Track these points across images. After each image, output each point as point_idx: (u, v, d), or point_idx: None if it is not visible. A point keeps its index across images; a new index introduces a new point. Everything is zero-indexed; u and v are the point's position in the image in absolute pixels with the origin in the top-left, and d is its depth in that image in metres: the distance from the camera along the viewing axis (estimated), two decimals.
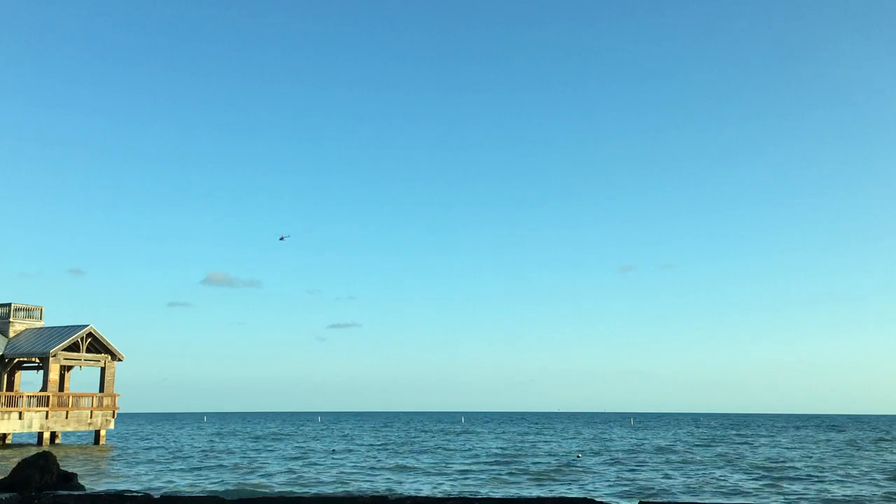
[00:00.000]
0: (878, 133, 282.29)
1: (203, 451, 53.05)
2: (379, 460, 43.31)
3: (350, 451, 52.87)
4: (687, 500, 22.17)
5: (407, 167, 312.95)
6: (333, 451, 52.15)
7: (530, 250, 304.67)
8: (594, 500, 13.19)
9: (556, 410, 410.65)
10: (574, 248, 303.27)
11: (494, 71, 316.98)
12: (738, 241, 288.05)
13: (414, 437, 74.36)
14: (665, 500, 23.41)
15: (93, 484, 26.75)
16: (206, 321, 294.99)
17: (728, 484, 30.48)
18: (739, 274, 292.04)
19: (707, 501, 23.28)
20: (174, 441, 67.73)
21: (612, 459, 44.21)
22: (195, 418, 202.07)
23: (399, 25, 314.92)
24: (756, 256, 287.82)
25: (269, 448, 56.46)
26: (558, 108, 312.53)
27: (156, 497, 15.19)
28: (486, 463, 41.49)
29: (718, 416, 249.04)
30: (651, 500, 23.20)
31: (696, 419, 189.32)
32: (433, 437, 75.91)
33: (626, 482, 31.08)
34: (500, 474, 34.49)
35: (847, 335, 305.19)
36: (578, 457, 47.48)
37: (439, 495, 18.37)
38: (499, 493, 26.19)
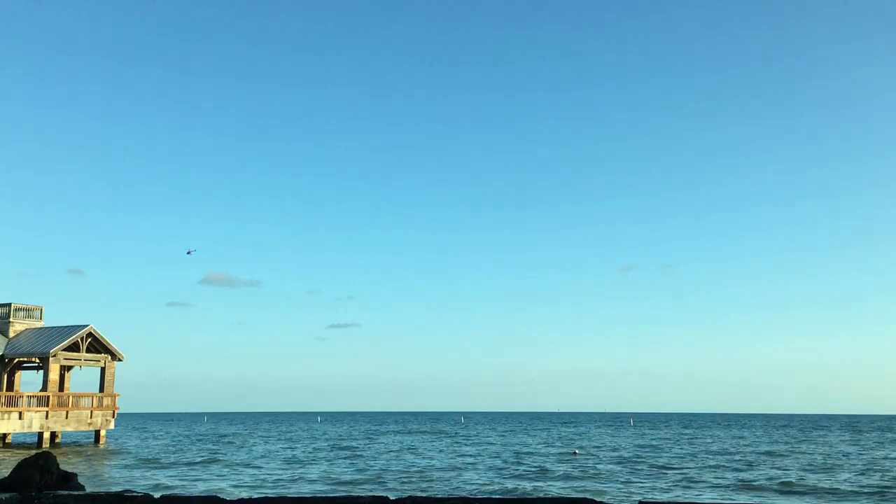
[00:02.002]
0: (878, 133, 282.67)
1: (202, 451, 53.07)
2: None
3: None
4: (687, 500, 22.18)
5: (407, 167, 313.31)
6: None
7: (530, 250, 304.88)
8: (594, 500, 13.20)
9: (556, 410, 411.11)
10: (574, 248, 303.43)
11: (494, 71, 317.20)
12: (738, 241, 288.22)
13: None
14: (665, 499, 23.43)
15: (93, 484, 26.76)
16: (205, 321, 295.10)
17: (724, 484, 30.51)
18: (739, 274, 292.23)
19: (707, 501, 23.31)
20: (174, 441, 67.72)
21: (611, 459, 44.22)
22: (195, 418, 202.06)
23: (400, 26, 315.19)
24: (756, 256, 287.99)
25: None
26: (558, 108, 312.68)
27: (156, 497, 15.20)
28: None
29: (718, 417, 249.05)
30: (650, 499, 23.21)
31: (695, 419, 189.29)
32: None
33: (625, 482, 31.10)
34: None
35: (847, 335, 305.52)
36: (576, 454, 47.54)
37: (440, 495, 18.40)
38: (497, 493, 26.23)
